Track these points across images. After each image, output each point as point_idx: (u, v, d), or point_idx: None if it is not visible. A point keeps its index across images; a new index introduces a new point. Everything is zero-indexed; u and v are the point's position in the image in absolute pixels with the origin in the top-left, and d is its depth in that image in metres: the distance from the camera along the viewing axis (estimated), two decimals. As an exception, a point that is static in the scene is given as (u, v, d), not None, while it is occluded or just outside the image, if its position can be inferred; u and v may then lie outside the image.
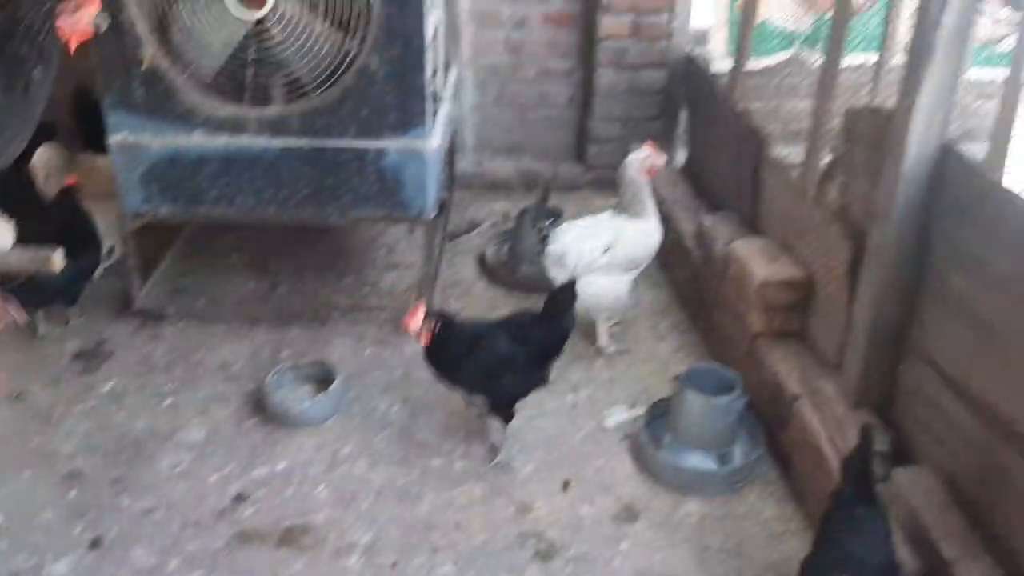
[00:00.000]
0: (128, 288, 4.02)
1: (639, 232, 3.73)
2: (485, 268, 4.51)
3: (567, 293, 3.33)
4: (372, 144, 3.59)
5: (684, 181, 4.70)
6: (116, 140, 3.63)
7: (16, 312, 3.81)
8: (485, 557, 2.95)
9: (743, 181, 3.95)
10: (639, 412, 3.48)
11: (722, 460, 3.24)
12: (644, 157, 3.68)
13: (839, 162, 3.17)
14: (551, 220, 3.90)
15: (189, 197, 3.72)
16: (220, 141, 3.61)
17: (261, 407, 3.53)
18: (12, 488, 3.16)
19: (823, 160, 3.32)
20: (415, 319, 3.08)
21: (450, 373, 3.23)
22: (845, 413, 2.97)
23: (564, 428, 3.48)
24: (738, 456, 3.26)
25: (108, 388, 3.67)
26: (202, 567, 2.90)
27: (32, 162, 4.13)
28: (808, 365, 3.26)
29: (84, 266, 3.93)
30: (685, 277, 4.22)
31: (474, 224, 4.95)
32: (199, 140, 3.61)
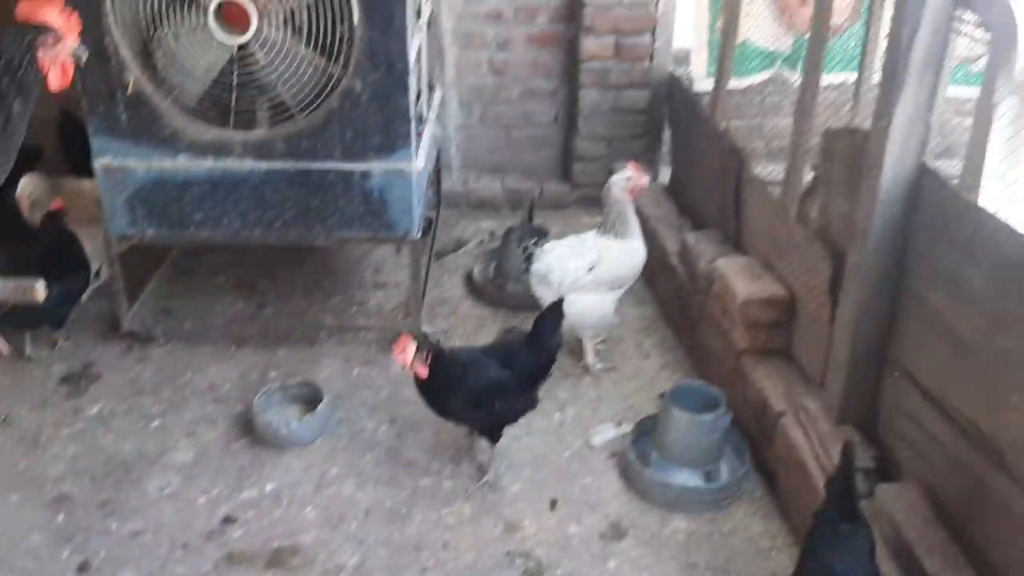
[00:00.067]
0: (115, 310, 4.02)
1: (623, 251, 3.76)
2: (472, 286, 4.53)
3: (555, 314, 3.36)
4: (357, 166, 3.61)
5: (668, 199, 4.74)
6: (101, 164, 3.64)
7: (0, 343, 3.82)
8: (473, 576, 2.96)
9: (726, 199, 3.99)
10: (626, 430, 3.50)
11: (708, 477, 3.26)
12: (627, 178, 3.71)
13: (819, 181, 3.21)
14: (535, 239, 3.92)
15: (175, 220, 3.73)
16: (205, 164, 3.62)
17: (249, 428, 3.54)
18: (-1, 512, 3.16)
19: (804, 179, 3.36)
20: (406, 352, 3.07)
21: (441, 404, 3.24)
22: (829, 430, 3.00)
23: (551, 447, 3.50)
24: (724, 473, 3.29)
25: (96, 411, 3.67)
26: (191, 590, 2.90)
27: (17, 191, 4.13)
28: (792, 382, 3.29)
29: (71, 289, 3.93)
30: (670, 294, 4.25)
31: (461, 243, 4.98)
32: (184, 164, 3.62)
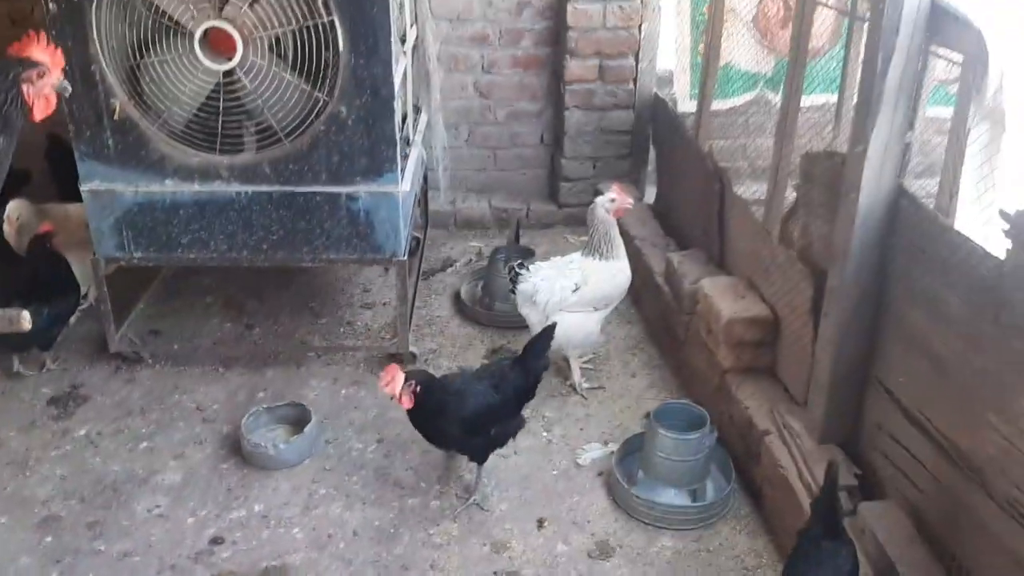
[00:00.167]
0: (103, 332, 4.02)
1: (609, 272, 3.79)
2: (460, 306, 4.56)
3: (545, 338, 3.39)
4: (343, 189, 3.64)
5: (653, 219, 4.78)
6: (89, 188, 3.65)
7: None
8: (461, 596, 2.97)
9: (710, 220, 4.03)
10: (613, 449, 3.52)
11: (695, 496, 3.29)
12: (612, 199, 3.76)
13: (800, 203, 3.25)
14: (522, 259, 3.96)
15: (163, 243, 3.75)
16: (192, 188, 3.64)
17: (237, 449, 3.55)
18: (-14, 535, 3.16)
19: (786, 200, 3.40)
20: (394, 383, 3.07)
21: (436, 433, 3.25)
22: (812, 448, 3.03)
23: (539, 466, 3.52)
24: (710, 491, 3.32)
25: (84, 432, 3.67)
26: (179, 611, 2.91)
27: (5, 215, 4.14)
28: (777, 400, 3.32)
29: (59, 312, 3.94)
30: (656, 314, 4.29)
31: (449, 262, 5.01)
32: (171, 188, 3.64)
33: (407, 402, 3.10)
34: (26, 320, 2.11)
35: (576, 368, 3.93)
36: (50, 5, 3.32)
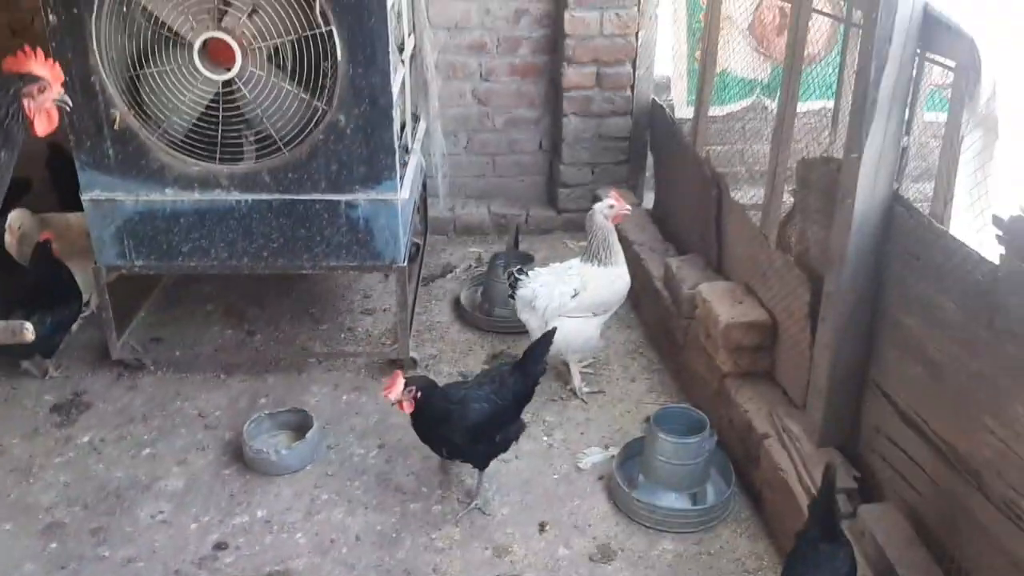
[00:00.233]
0: (105, 339, 4.04)
1: (607, 278, 3.81)
2: (460, 311, 4.58)
3: (544, 343, 3.41)
4: (343, 197, 3.66)
5: (652, 224, 4.81)
6: (90, 197, 3.67)
7: None
8: (463, 601, 2.99)
9: (707, 225, 4.06)
10: (613, 453, 3.54)
11: (695, 499, 3.31)
12: (610, 205, 3.79)
13: (796, 209, 3.28)
14: (521, 265, 3.98)
15: (163, 251, 3.77)
16: (192, 197, 3.67)
17: (239, 455, 3.56)
18: (-9, 543, 3.18)
19: (783, 205, 3.43)
20: (395, 389, 3.09)
21: (441, 441, 3.27)
22: (811, 451, 3.05)
23: (540, 470, 3.54)
24: (710, 495, 3.34)
25: (87, 439, 3.69)
26: (183, 617, 2.93)
27: (6, 224, 4.16)
28: (776, 404, 3.34)
29: (62, 319, 3.97)
30: (655, 318, 4.31)
31: (448, 268, 5.03)
32: (172, 196, 3.66)
33: (407, 407, 3.12)
34: (29, 332, 2.13)
35: (576, 373, 3.95)
36: (50, 17, 3.34)
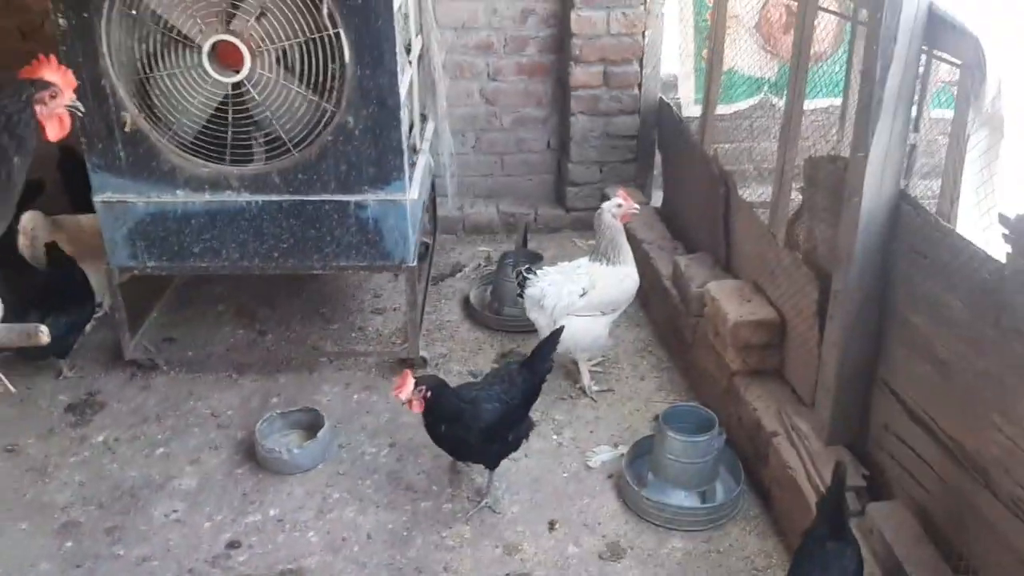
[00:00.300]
0: (118, 340, 4.07)
1: (616, 277, 3.83)
2: (469, 310, 4.60)
3: (552, 341, 3.44)
4: (352, 198, 3.68)
5: (660, 222, 4.81)
6: (101, 199, 3.70)
7: (4, 382, 3.84)
8: (473, 599, 3.01)
9: (715, 223, 4.06)
10: (623, 451, 3.55)
11: (704, 497, 3.32)
12: (618, 204, 3.80)
13: (804, 207, 3.28)
14: (529, 264, 4.00)
15: (175, 252, 3.80)
16: (203, 198, 3.69)
17: (252, 454, 3.59)
18: (8, 541, 3.21)
19: (791, 204, 3.43)
20: (405, 388, 3.10)
21: (451, 443, 3.29)
22: (820, 449, 3.06)
23: (549, 468, 3.55)
24: (719, 493, 3.35)
25: (101, 439, 3.72)
26: (197, 615, 2.96)
27: (20, 225, 4.19)
28: (785, 402, 3.35)
29: (76, 320, 4.01)
30: (664, 317, 4.32)
31: (458, 267, 5.05)
32: (183, 198, 3.69)
33: (417, 407, 3.14)
34: (44, 335, 2.14)
35: (585, 371, 3.96)
36: (60, 21, 3.37)
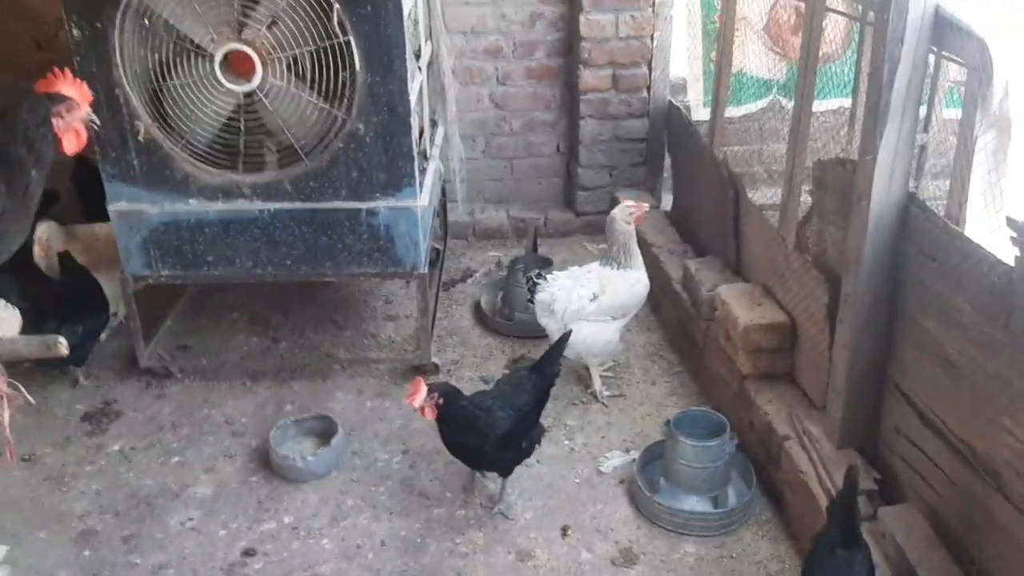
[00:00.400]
0: (133, 348, 4.10)
1: (626, 282, 3.83)
2: (480, 316, 4.61)
3: (560, 346, 3.45)
4: (363, 205, 3.70)
5: (670, 226, 4.81)
6: (116, 208, 3.74)
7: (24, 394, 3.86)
8: (487, 605, 3.03)
9: (725, 226, 4.06)
10: (634, 456, 3.55)
11: (716, 502, 3.32)
12: (630, 212, 3.80)
13: (813, 210, 3.28)
14: (540, 269, 4.00)
15: (189, 260, 3.83)
16: (216, 207, 3.72)
17: (266, 462, 3.62)
18: (26, 549, 3.24)
19: (800, 206, 3.43)
20: (418, 395, 3.11)
21: (466, 452, 3.29)
22: (831, 453, 3.06)
23: (561, 474, 3.56)
24: (732, 497, 3.35)
25: (117, 447, 3.76)
26: (213, 623, 2.98)
27: (35, 235, 4.23)
28: (796, 406, 3.35)
29: (91, 328, 4.05)
30: (675, 321, 4.31)
31: (468, 273, 5.06)
32: (196, 207, 3.72)
33: (430, 414, 3.15)
34: (63, 346, 2.17)
35: (597, 376, 3.97)
36: (74, 32, 3.41)
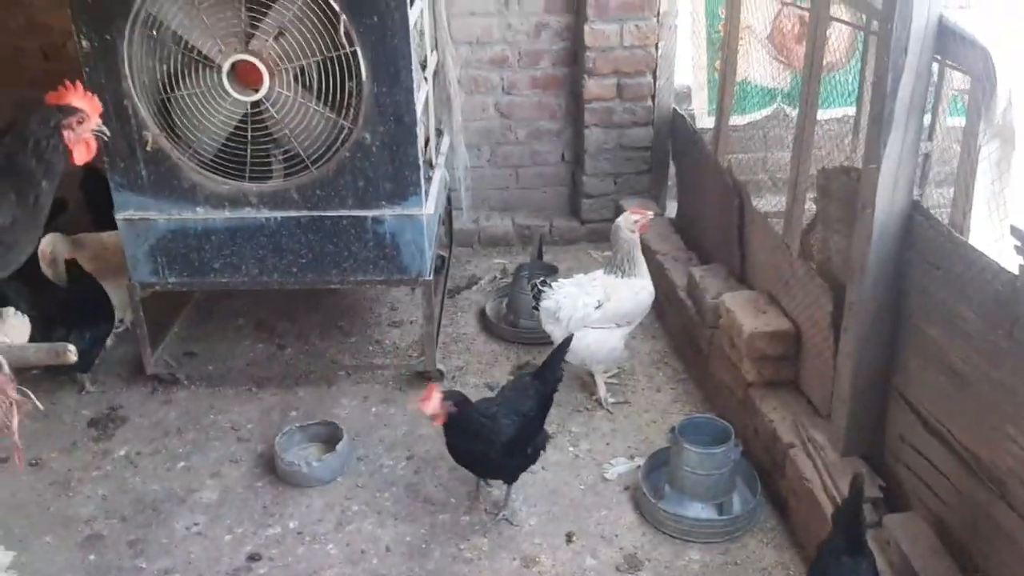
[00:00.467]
0: (140, 354, 4.12)
1: (631, 290, 3.84)
2: (485, 323, 4.62)
3: (561, 351, 3.47)
4: (369, 213, 3.72)
5: (675, 233, 4.82)
6: (124, 217, 3.77)
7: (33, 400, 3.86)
8: (492, 611, 3.04)
9: (729, 234, 4.07)
10: (639, 463, 3.56)
11: (721, 509, 3.33)
12: (635, 221, 3.82)
13: (818, 218, 3.29)
14: (544, 277, 4.02)
15: (196, 268, 3.85)
16: (223, 215, 3.74)
17: (271, 467, 3.63)
18: (32, 554, 3.26)
19: (804, 214, 3.44)
20: (432, 401, 3.10)
21: (472, 459, 3.30)
22: (836, 460, 3.06)
23: (566, 480, 3.57)
24: (736, 504, 3.35)
25: (123, 452, 3.78)
26: (219, 628, 2.99)
27: (40, 248, 4.24)
28: (801, 413, 3.35)
29: (98, 334, 4.08)
30: (679, 328, 4.32)
31: (473, 280, 5.08)
32: (203, 215, 3.74)
33: (442, 420, 3.14)
34: (72, 354, 2.19)
35: (601, 383, 3.97)
36: (83, 43, 3.44)
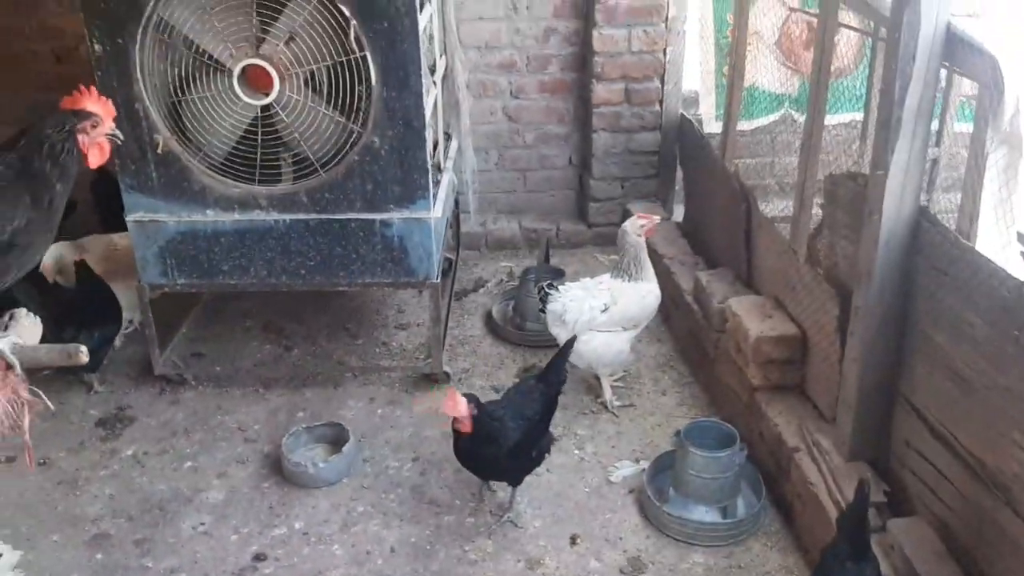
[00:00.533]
0: (148, 355, 4.14)
1: (638, 293, 3.85)
2: (492, 325, 4.63)
3: (564, 353, 3.48)
4: (378, 216, 3.74)
5: (682, 237, 4.83)
6: (134, 219, 3.79)
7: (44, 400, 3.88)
8: (496, 612, 3.05)
9: (736, 239, 4.08)
10: (644, 466, 3.57)
11: (725, 512, 3.33)
12: (641, 225, 3.83)
13: (825, 223, 3.30)
14: (551, 280, 4.03)
15: (205, 269, 3.88)
16: (232, 218, 3.77)
17: (278, 468, 3.65)
18: (40, 552, 3.28)
19: (812, 219, 3.45)
20: (458, 405, 3.08)
21: (480, 463, 3.30)
22: (841, 465, 3.07)
23: (571, 483, 3.57)
24: (741, 508, 3.36)
25: (131, 452, 3.79)
26: (224, 627, 3.01)
27: (43, 260, 4.26)
28: (806, 418, 3.36)
29: (107, 334, 4.10)
30: (686, 332, 4.33)
31: (480, 283, 5.09)
32: (213, 217, 3.77)
33: (467, 425, 3.13)
34: (84, 355, 2.20)
35: (607, 386, 3.98)
36: (96, 47, 3.46)
